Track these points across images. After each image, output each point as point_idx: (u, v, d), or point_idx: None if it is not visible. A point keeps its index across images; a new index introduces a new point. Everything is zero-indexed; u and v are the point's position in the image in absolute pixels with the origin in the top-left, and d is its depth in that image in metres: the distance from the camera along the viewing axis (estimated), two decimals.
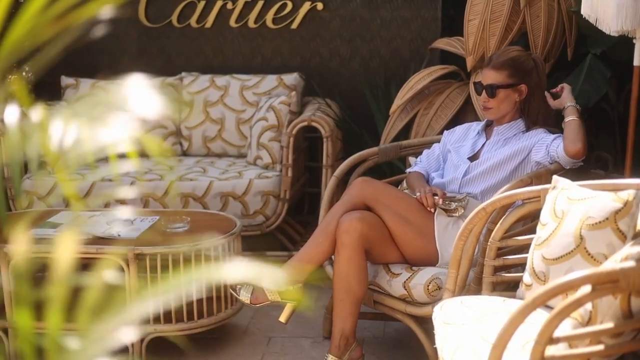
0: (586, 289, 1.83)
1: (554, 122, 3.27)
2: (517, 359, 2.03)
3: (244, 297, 3.02)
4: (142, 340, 3.19)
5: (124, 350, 3.21)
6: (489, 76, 3.20)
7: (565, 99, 3.23)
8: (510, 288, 2.82)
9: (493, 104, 3.20)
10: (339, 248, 2.97)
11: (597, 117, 4.10)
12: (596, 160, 3.88)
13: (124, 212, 3.52)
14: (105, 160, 1.03)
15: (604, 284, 1.83)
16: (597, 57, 3.69)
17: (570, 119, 3.11)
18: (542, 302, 1.85)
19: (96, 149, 1.01)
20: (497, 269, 2.73)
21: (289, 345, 3.43)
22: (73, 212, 3.58)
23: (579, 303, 1.84)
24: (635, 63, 3.09)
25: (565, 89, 3.29)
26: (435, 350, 2.96)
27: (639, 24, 2.91)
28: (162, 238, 3.27)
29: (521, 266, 2.82)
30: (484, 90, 3.20)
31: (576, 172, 3.13)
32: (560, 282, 1.84)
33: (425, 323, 3.08)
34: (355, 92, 4.87)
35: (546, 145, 3.07)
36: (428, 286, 2.95)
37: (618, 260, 1.88)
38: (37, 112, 1.05)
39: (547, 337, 1.85)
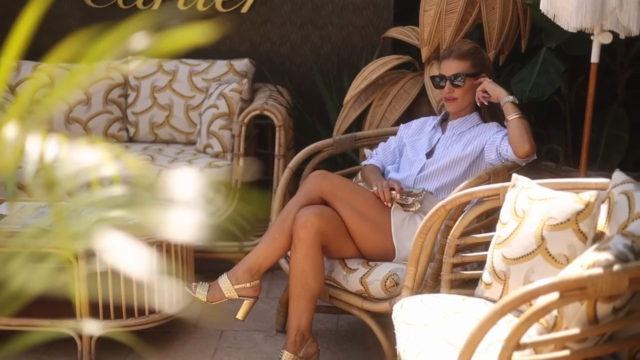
0: (554, 295, 1.83)
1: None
2: None
3: (201, 295, 2.95)
4: (91, 337, 3.11)
5: (73, 347, 3.13)
6: (452, 66, 3.16)
7: (499, 94, 3.08)
8: (465, 283, 2.82)
9: (459, 94, 3.17)
10: (295, 244, 2.93)
11: (548, 109, 4.13)
12: (547, 153, 3.91)
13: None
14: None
15: (571, 290, 1.82)
16: (552, 51, 3.70)
17: (512, 117, 2.98)
18: (510, 309, 1.83)
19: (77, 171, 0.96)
20: (455, 266, 2.72)
21: (242, 339, 3.38)
22: (16, 203, 3.46)
23: (546, 310, 1.83)
24: (593, 60, 3.09)
25: (489, 85, 3.12)
26: (390, 344, 2.96)
27: (597, 22, 2.91)
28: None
29: (476, 262, 2.83)
30: (447, 82, 3.17)
31: (527, 165, 3.12)
32: (528, 289, 1.83)
33: (381, 317, 3.07)
34: (306, 78, 4.82)
35: (496, 147, 3.04)
36: (385, 282, 2.93)
37: (585, 267, 1.88)
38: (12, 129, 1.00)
39: (514, 343, 1.84)
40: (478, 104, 3.19)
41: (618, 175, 2.32)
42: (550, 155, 3.92)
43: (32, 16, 0.86)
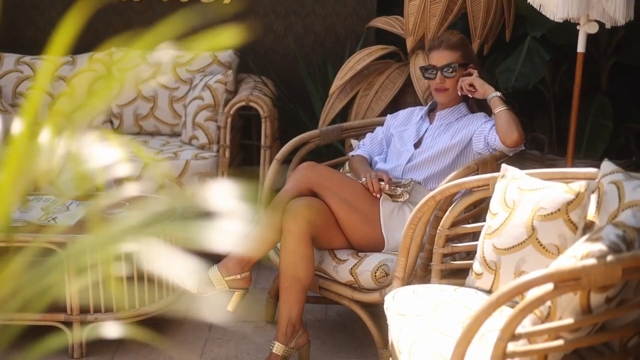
0: (548, 286, 1.85)
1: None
2: (475, 351, 2.04)
3: (191, 286, 2.95)
4: (81, 331, 3.10)
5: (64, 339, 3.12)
6: (443, 57, 3.17)
7: (486, 90, 3.12)
8: (455, 273, 2.84)
9: (450, 85, 3.18)
10: (285, 236, 2.93)
11: (532, 97, 4.15)
12: (531, 141, 3.94)
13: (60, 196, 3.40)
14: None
15: (566, 281, 1.84)
16: (537, 40, 3.72)
17: (499, 110, 3.02)
18: (505, 300, 1.85)
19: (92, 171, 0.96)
20: (444, 256, 2.74)
21: (232, 331, 3.39)
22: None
23: (541, 300, 1.85)
24: (579, 50, 3.11)
25: (477, 80, 3.15)
26: (380, 333, 2.98)
27: (584, 11, 2.93)
28: (102, 224, 3.15)
29: (465, 252, 2.85)
30: (438, 72, 3.17)
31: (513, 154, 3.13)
32: (523, 280, 1.85)
33: (370, 307, 3.09)
34: (290, 69, 4.81)
35: (484, 137, 3.06)
36: (375, 273, 2.94)
37: (578, 258, 1.90)
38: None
39: (509, 334, 1.86)
40: (459, 93, 3.20)
41: (607, 165, 2.35)
42: (534, 144, 3.95)
43: (80, 14, 0.86)
